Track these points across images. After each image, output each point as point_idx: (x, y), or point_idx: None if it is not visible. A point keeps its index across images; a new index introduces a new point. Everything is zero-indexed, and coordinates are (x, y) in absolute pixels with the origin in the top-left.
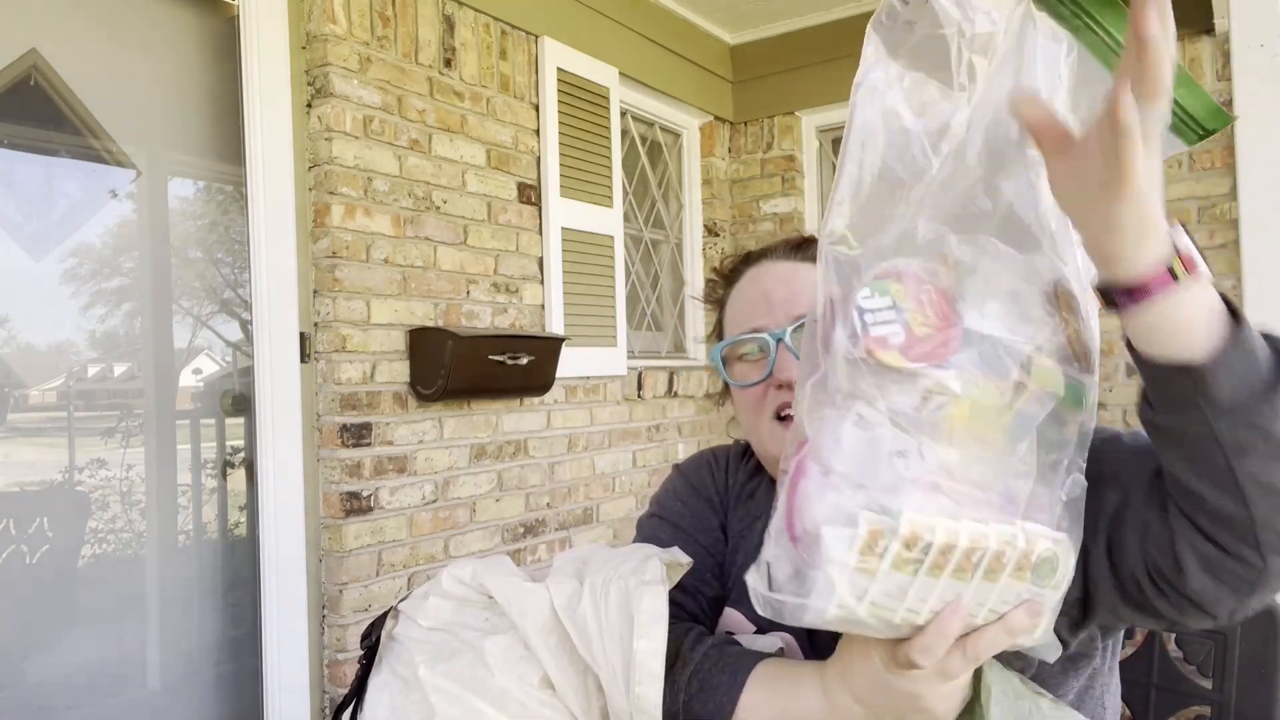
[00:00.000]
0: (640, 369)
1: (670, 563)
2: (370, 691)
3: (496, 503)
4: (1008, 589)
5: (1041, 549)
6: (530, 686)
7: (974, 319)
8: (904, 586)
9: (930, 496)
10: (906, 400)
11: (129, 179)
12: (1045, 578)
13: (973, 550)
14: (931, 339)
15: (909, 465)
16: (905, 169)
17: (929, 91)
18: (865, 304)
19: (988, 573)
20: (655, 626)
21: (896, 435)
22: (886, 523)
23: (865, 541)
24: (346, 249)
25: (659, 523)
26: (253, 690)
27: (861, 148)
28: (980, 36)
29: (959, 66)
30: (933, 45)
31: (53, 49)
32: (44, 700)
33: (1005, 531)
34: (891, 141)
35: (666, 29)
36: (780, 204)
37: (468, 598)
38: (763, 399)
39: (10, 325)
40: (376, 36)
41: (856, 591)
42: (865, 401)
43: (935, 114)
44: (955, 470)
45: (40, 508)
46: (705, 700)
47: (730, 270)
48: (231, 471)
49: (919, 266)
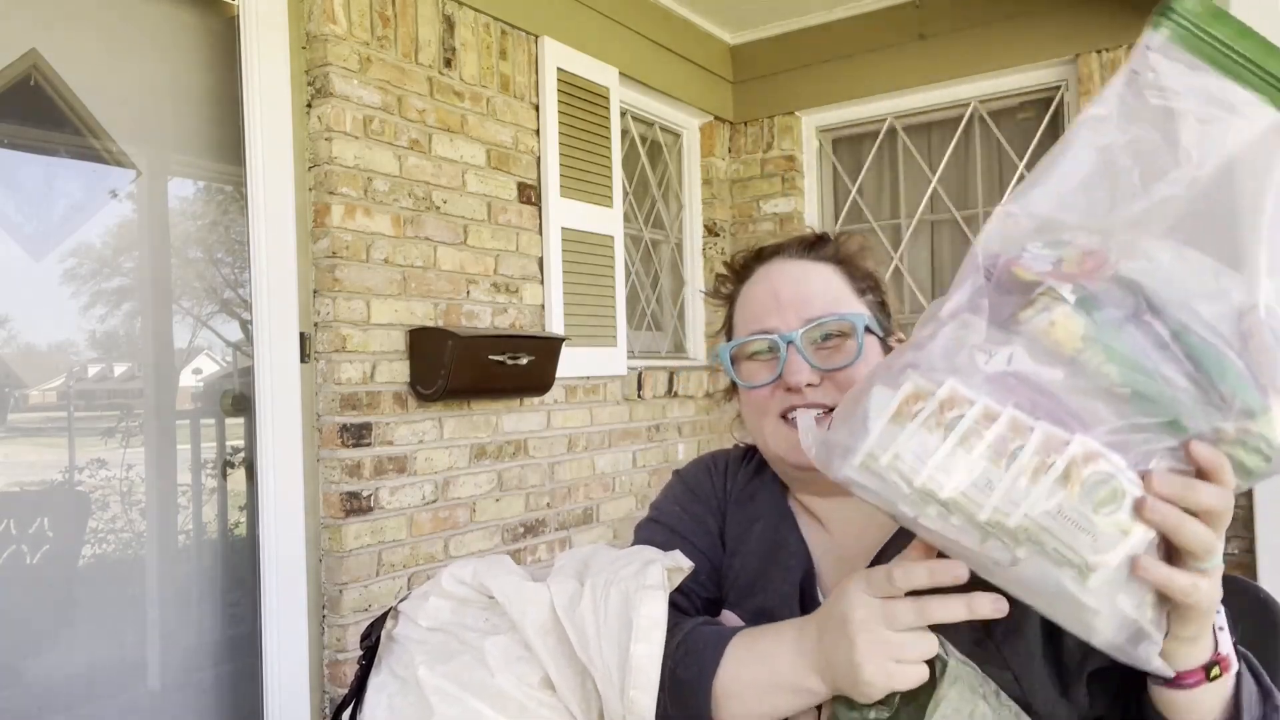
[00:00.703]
0: (640, 369)
1: (672, 567)
2: (369, 692)
3: (496, 503)
4: (1049, 496)
5: (1101, 469)
6: (530, 687)
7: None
8: (930, 448)
9: (994, 387)
10: (1017, 304)
11: (129, 179)
12: (1101, 504)
13: (1012, 435)
14: (1071, 274)
15: (990, 361)
16: (1109, 190)
17: (1149, 143)
18: (1030, 248)
19: (1027, 466)
20: (654, 631)
21: (992, 337)
22: (929, 387)
23: (905, 398)
24: (346, 249)
25: (655, 527)
26: (253, 690)
27: (1068, 156)
28: (1215, 119)
29: (1188, 137)
30: (1163, 114)
31: (53, 49)
32: (44, 700)
33: (1055, 431)
34: (1100, 166)
35: (666, 29)
36: (780, 204)
37: (468, 598)
38: (769, 400)
39: (10, 325)
40: (376, 36)
41: (885, 441)
42: (974, 311)
43: (1153, 163)
44: (1042, 385)
45: (40, 508)
46: (689, 665)
47: (742, 266)
48: (231, 471)
49: (1095, 240)
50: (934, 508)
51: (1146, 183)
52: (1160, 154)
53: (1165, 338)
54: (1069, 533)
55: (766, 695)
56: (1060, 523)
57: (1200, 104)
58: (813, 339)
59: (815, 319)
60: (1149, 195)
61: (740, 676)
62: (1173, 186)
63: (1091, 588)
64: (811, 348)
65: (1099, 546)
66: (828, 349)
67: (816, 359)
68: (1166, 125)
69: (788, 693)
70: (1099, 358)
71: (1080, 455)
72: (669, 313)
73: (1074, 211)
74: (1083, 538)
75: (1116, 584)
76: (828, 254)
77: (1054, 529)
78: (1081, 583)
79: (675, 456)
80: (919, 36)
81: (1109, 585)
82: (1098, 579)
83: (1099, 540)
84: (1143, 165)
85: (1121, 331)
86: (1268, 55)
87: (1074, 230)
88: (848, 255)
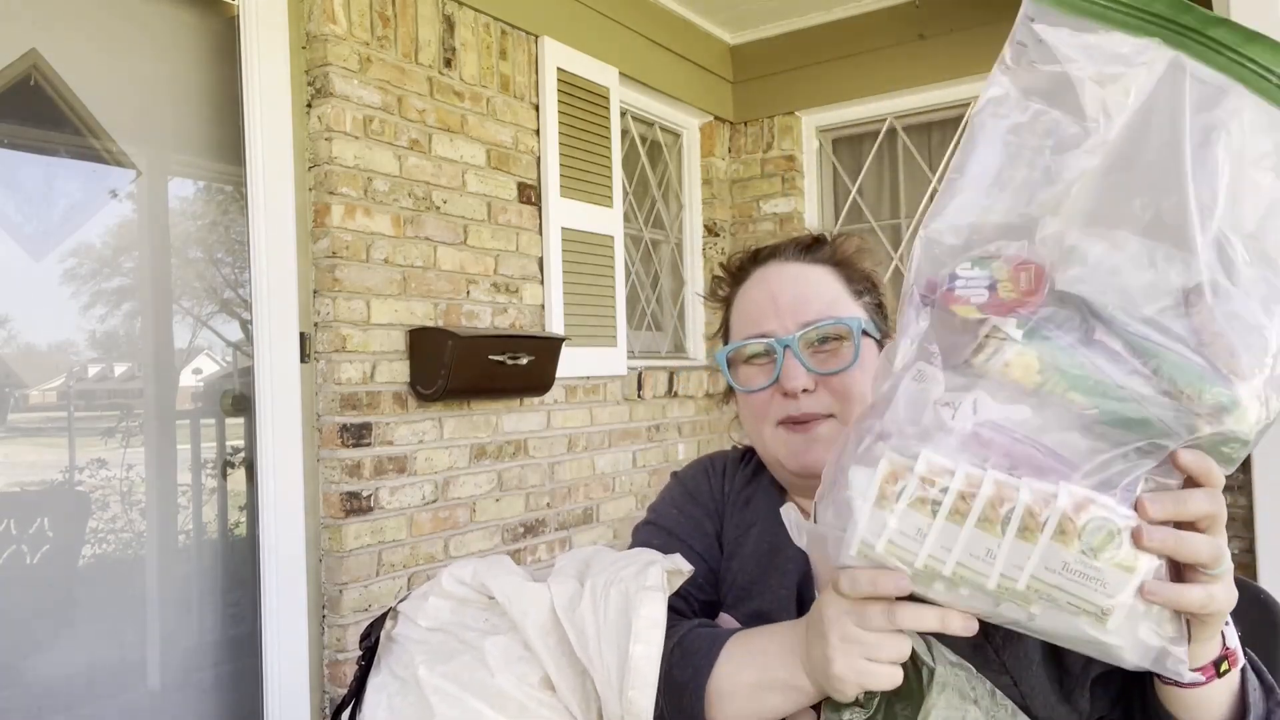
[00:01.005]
0: (640, 369)
1: (672, 570)
2: (369, 692)
3: (496, 503)
4: (1051, 555)
5: (1094, 515)
6: (530, 687)
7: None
8: (922, 529)
9: (969, 446)
10: (966, 346)
11: (129, 179)
12: (1102, 550)
13: (999, 500)
14: (1011, 301)
15: (956, 415)
16: (1025, 177)
17: (1053, 117)
18: (961, 273)
19: (1022, 530)
20: (653, 632)
21: (951, 384)
22: (904, 462)
23: (884, 478)
24: (346, 249)
25: (653, 530)
26: (253, 690)
27: (977, 154)
28: (1111, 77)
29: (1090, 102)
30: (1059, 81)
31: (53, 49)
32: (44, 700)
33: (1040, 487)
34: (1010, 153)
35: (666, 29)
36: (780, 204)
37: (467, 598)
38: (767, 404)
39: (10, 325)
40: (376, 36)
41: (875, 528)
42: (926, 360)
43: (1062, 136)
44: (1011, 429)
45: (40, 508)
46: (685, 666)
47: (738, 268)
48: (231, 471)
49: (1023, 248)
50: (940, 584)
51: (1060, 158)
52: (1065, 125)
53: (1120, 351)
54: (1078, 585)
55: (759, 694)
56: (1067, 577)
57: (1094, 63)
58: (809, 342)
59: (811, 322)
60: (1065, 171)
61: (734, 676)
62: (1087, 158)
63: (1111, 629)
64: (808, 351)
65: (1109, 590)
66: (824, 353)
67: (813, 363)
68: (1064, 94)
69: (780, 691)
70: (1060, 386)
71: (1070, 506)
72: (669, 313)
73: (994, 212)
74: (1092, 585)
75: (1134, 618)
76: (824, 256)
77: (1063, 584)
78: (1101, 626)
79: (675, 456)
80: (919, 36)
81: (1128, 621)
82: (1115, 620)
83: (1108, 585)
84: (1052, 140)
85: (1075, 355)
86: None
87: (999, 235)
88: (845, 257)
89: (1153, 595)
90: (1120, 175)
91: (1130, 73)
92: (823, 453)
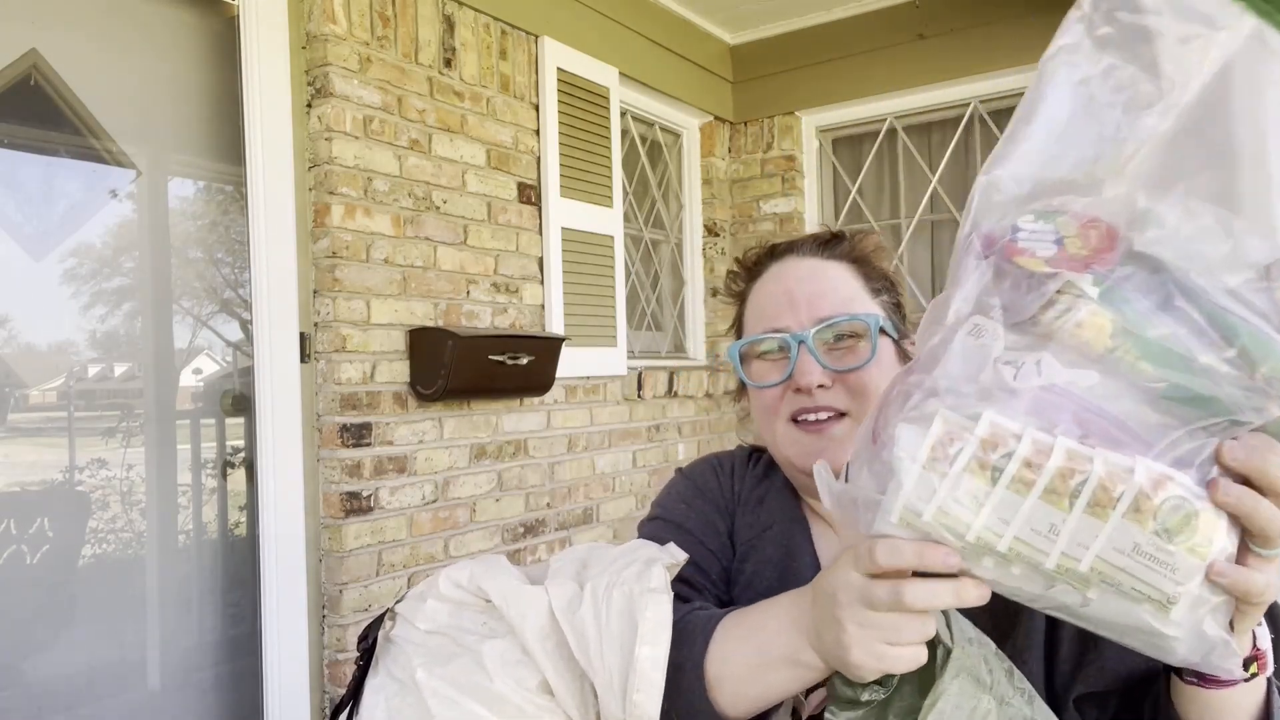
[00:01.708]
0: (640, 369)
1: (670, 564)
2: (367, 694)
3: (496, 503)
4: (1122, 534)
5: (1171, 494)
6: (528, 691)
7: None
8: (978, 497)
9: (1036, 410)
10: (1033, 302)
11: (129, 179)
12: (1177, 533)
13: (1070, 471)
14: (1084, 258)
15: (1019, 376)
16: (1093, 132)
17: (1127, 73)
18: (1023, 225)
19: (1092, 505)
20: (660, 634)
21: (1013, 343)
22: (964, 423)
23: (939, 439)
24: (346, 249)
25: (662, 525)
26: (253, 690)
27: (1045, 103)
28: (1192, 36)
29: (1167, 60)
30: (1137, 34)
31: (53, 49)
32: (44, 700)
33: (1116, 459)
34: (1079, 105)
35: (666, 29)
36: (780, 204)
37: (465, 601)
38: (779, 401)
39: (10, 325)
40: (376, 36)
41: (923, 493)
42: (984, 313)
43: (1134, 94)
44: (1078, 394)
45: (40, 508)
46: (680, 645)
47: (754, 263)
48: (231, 471)
49: (1091, 204)
50: (990, 559)
51: (1131, 118)
52: (1140, 82)
53: (1200, 322)
54: (1147, 569)
55: (760, 672)
56: (1137, 560)
57: (1175, 19)
58: (825, 339)
59: (828, 319)
60: (1135, 132)
61: (731, 655)
62: (1159, 119)
63: (1174, 619)
64: (823, 348)
65: (1179, 577)
66: (840, 350)
67: (828, 360)
68: (1141, 48)
69: (782, 667)
70: (1132, 354)
71: (1148, 483)
72: (669, 313)
73: (1061, 165)
74: (1163, 571)
75: (1198, 607)
76: (842, 252)
77: (1130, 568)
78: (1164, 615)
79: (675, 456)
80: (919, 36)
81: (1191, 612)
82: (1180, 610)
83: (1179, 570)
84: (1124, 97)
85: (1153, 323)
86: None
87: (1063, 190)
88: (863, 254)
89: (1221, 576)
90: (1191, 141)
91: (1211, 35)
92: (835, 453)
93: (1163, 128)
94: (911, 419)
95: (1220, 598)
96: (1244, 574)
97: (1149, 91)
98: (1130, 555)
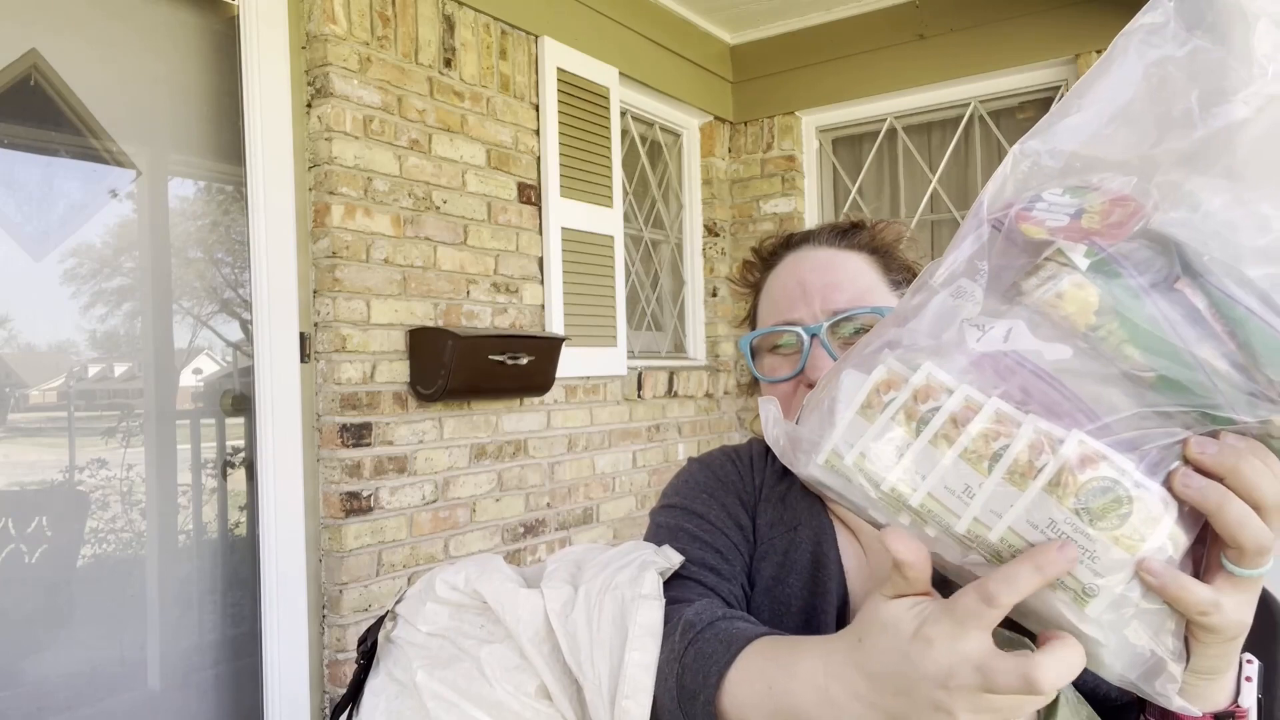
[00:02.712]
0: (640, 369)
1: (665, 569)
2: (367, 695)
3: (496, 503)
4: (1038, 508)
5: (1101, 475)
6: (526, 696)
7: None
8: (900, 447)
9: (983, 369)
10: (1019, 267)
11: (129, 179)
12: (1101, 517)
13: (994, 434)
14: (1091, 231)
15: (983, 339)
16: (1159, 115)
17: (1216, 57)
18: (1047, 196)
19: (1011, 471)
20: (649, 640)
21: (989, 309)
22: (903, 372)
23: (876, 385)
24: (346, 249)
25: (682, 514)
26: (253, 690)
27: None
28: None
29: (1262, 43)
30: (1231, 13)
31: (53, 49)
32: (44, 700)
33: (1047, 428)
34: (1150, 87)
35: (666, 29)
36: (780, 204)
37: (463, 603)
38: (791, 396)
39: (10, 325)
40: (376, 36)
41: (850, 436)
42: (970, 276)
43: (1219, 79)
44: (1042, 368)
45: (40, 507)
46: (696, 672)
47: (770, 253)
48: (231, 471)
49: (1128, 184)
50: (906, 515)
51: (1206, 105)
52: (1227, 69)
53: (1201, 310)
54: None
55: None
56: (1051, 538)
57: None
58: (839, 333)
59: (843, 311)
60: (1208, 121)
61: (749, 699)
62: (1241, 108)
63: (1091, 616)
64: (837, 342)
65: (1099, 567)
66: (855, 344)
67: (842, 354)
68: (1237, 33)
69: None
70: (1117, 336)
71: (1075, 457)
72: (669, 313)
73: (1111, 146)
74: (1079, 557)
75: (1125, 610)
76: (861, 242)
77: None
78: (1079, 609)
79: (675, 456)
80: (919, 36)
81: (1114, 612)
82: (1098, 606)
83: (1099, 561)
84: (1203, 83)
85: (1145, 303)
86: None
87: (1108, 169)
88: (883, 244)
89: (1152, 575)
90: (1271, 137)
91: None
92: None
93: (1242, 115)
94: (856, 365)
95: (1152, 605)
96: (1181, 580)
97: (1235, 78)
98: (1044, 531)
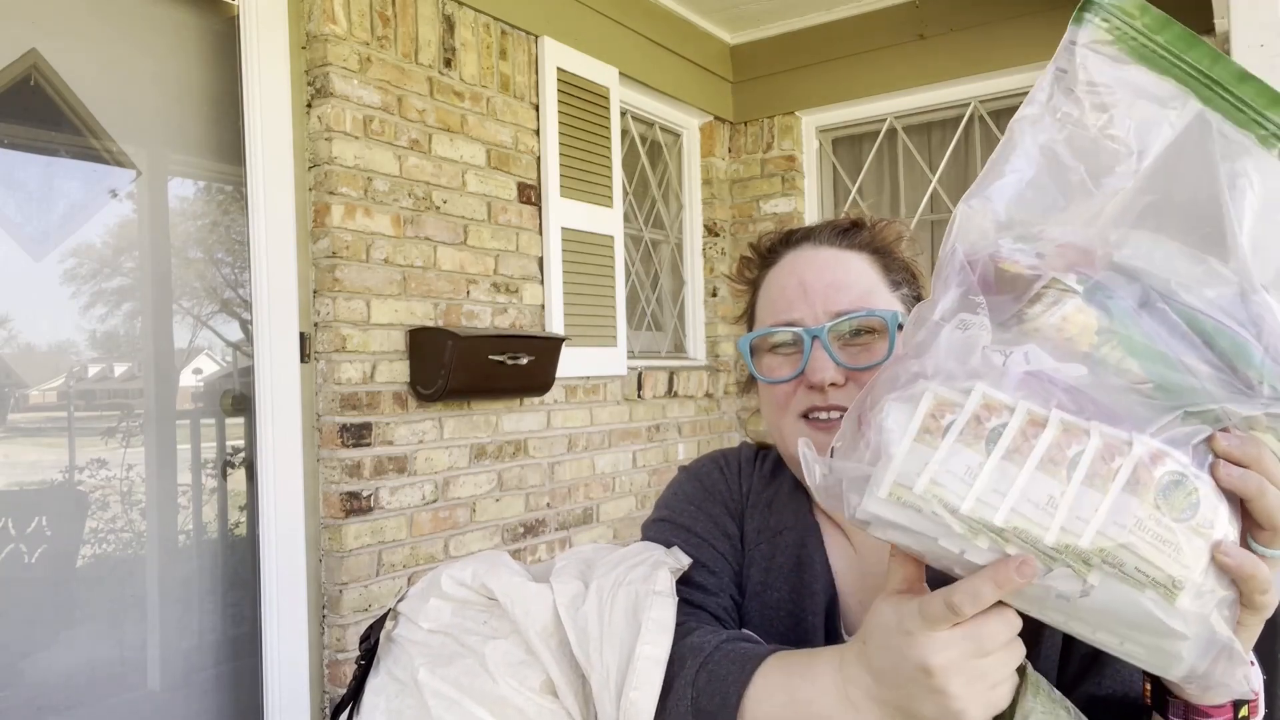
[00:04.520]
0: (640, 369)
1: (675, 569)
2: (367, 694)
3: (496, 503)
4: (1122, 508)
5: (1170, 469)
6: (531, 691)
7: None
8: (972, 468)
9: (1029, 386)
10: (1019, 299)
11: (129, 179)
12: (1179, 509)
13: (1067, 441)
14: (1065, 264)
15: (1008, 362)
16: (1060, 184)
17: (1089, 136)
18: (1004, 244)
19: (1090, 476)
20: (662, 635)
21: (999, 339)
22: (956, 396)
23: (929, 412)
24: (346, 249)
25: (670, 528)
26: (253, 690)
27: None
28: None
29: (1123, 130)
30: (1096, 106)
31: (53, 49)
32: (44, 700)
33: (1114, 432)
34: (1044, 164)
35: (666, 29)
36: (780, 204)
37: (468, 599)
38: (790, 397)
39: (10, 325)
40: (376, 36)
41: (915, 465)
42: (970, 310)
43: (1096, 158)
44: (1068, 380)
45: (40, 507)
46: (712, 694)
47: (768, 250)
48: (231, 471)
49: (1067, 233)
50: (985, 538)
51: (1095, 178)
52: (1100, 149)
53: (1179, 324)
54: (1151, 547)
55: None
56: (1140, 536)
57: (1130, 97)
58: (840, 334)
59: (844, 313)
60: (1100, 190)
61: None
62: (1121, 179)
63: (1180, 608)
64: (838, 344)
65: (1185, 559)
66: (856, 346)
67: (843, 356)
68: (1100, 120)
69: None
70: (1118, 352)
71: (1146, 456)
72: (669, 313)
73: (1031, 209)
74: (1166, 550)
75: (1206, 599)
76: (862, 242)
77: (1134, 545)
78: (1168, 604)
79: (675, 456)
80: (919, 36)
81: (1198, 602)
82: (1186, 598)
83: (1184, 553)
84: (1087, 161)
85: (1138, 321)
86: (1188, 46)
87: (1039, 226)
88: (884, 244)
89: (1228, 556)
90: (1152, 200)
91: (1162, 113)
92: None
93: (1123, 185)
94: (900, 398)
95: (1226, 592)
96: (1251, 558)
97: (1109, 157)
98: (1133, 531)
